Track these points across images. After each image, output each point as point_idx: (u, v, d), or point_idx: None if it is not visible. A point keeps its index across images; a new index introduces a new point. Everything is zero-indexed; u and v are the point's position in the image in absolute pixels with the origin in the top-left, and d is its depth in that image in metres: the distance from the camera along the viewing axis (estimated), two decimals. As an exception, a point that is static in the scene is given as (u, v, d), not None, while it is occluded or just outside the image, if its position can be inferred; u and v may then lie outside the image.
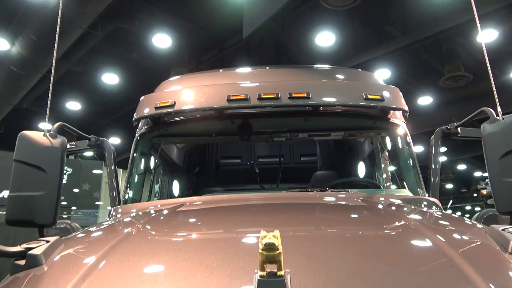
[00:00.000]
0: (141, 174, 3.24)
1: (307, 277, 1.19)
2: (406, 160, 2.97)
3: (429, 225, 1.84)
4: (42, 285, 1.29)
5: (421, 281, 1.24)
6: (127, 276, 1.31)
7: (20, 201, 2.12)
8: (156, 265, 1.40)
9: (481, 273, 1.22)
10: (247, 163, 4.86)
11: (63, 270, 1.38)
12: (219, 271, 1.26)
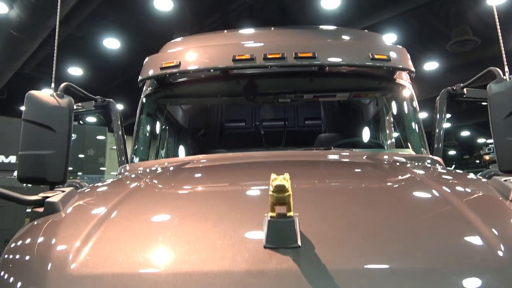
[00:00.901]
0: (147, 135, 3.27)
1: (315, 219, 1.24)
2: (411, 121, 2.98)
3: (433, 177, 1.88)
4: (61, 230, 1.35)
5: (425, 225, 1.28)
6: (141, 221, 1.37)
7: (31, 159, 2.18)
8: (167, 212, 1.46)
9: (484, 219, 1.26)
10: (251, 127, 4.88)
11: (80, 216, 1.45)
12: (229, 216, 1.31)
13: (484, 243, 1.17)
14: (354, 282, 1.04)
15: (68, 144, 2.43)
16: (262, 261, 1.10)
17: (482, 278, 1.07)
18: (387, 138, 3.47)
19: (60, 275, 1.13)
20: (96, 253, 1.20)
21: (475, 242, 1.19)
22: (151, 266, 1.15)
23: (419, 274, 1.08)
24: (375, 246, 1.17)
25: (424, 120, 3.05)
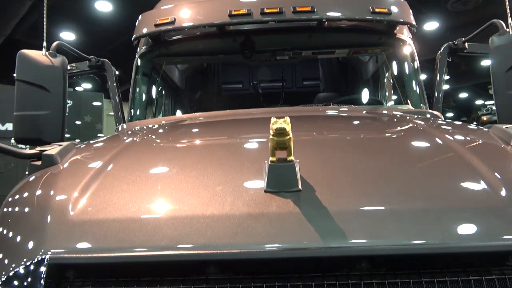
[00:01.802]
0: (143, 96, 3.24)
1: (315, 165, 1.24)
2: (411, 78, 2.95)
3: (434, 126, 1.88)
4: (59, 181, 1.35)
5: (426, 168, 1.29)
6: (140, 170, 1.38)
7: (27, 120, 2.19)
8: (166, 162, 1.47)
9: (485, 162, 1.27)
10: (249, 88, 4.82)
11: (79, 167, 1.45)
12: (229, 164, 1.31)
13: (485, 184, 1.18)
14: (355, 223, 1.05)
15: (64, 105, 2.42)
16: (263, 205, 1.10)
17: (483, 218, 1.08)
18: (387, 95, 3.45)
19: (60, 223, 1.13)
20: (96, 201, 1.20)
21: (476, 184, 1.20)
22: (151, 211, 1.16)
23: (419, 214, 1.09)
24: (376, 188, 1.18)
25: (423, 82, 3.02)
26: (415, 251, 1.00)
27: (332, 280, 0.99)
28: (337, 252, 0.99)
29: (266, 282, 0.99)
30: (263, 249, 1.01)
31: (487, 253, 1.01)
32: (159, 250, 1.02)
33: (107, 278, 1.03)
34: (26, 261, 1.05)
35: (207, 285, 1.00)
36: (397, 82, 3.23)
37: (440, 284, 0.98)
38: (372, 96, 3.72)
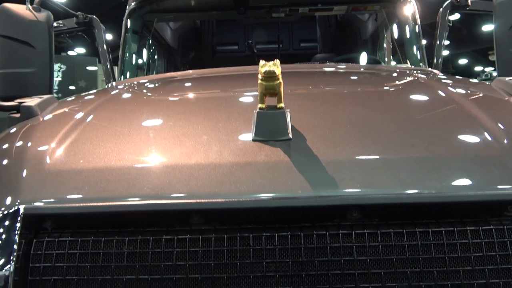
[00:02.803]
0: (134, 56, 3.14)
1: (307, 114, 1.18)
2: (412, 38, 2.85)
3: (434, 80, 1.82)
4: (37, 132, 1.29)
5: (424, 118, 1.24)
6: (122, 120, 1.32)
7: (12, 78, 2.12)
8: (150, 113, 1.41)
9: (486, 112, 1.21)
10: (244, 50, 4.70)
11: (59, 119, 1.39)
12: (216, 114, 1.25)
13: (486, 134, 1.12)
14: (347, 172, 1.00)
15: (51, 62, 2.33)
16: (251, 153, 1.04)
17: (482, 167, 1.03)
18: (386, 56, 3.36)
19: (37, 173, 1.08)
20: (75, 150, 1.14)
21: (476, 133, 1.14)
22: (132, 160, 1.10)
23: (415, 163, 1.03)
24: (370, 138, 1.12)
25: (423, 46, 2.94)
26: (409, 200, 0.96)
27: (322, 230, 0.95)
28: (327, 201, 0.95)
29: (253, 232, 0.95)
30: (250, 198, 0.96)
31: (484, 202, 0.97)
32: (141, 199, 0.97)
33: (86, 229, 0.98)
34: (2, 211, 1.00)
35: (191, 235, 0.95)
36: (397, 43, 3.13)
37: (435, 235, 0.94)
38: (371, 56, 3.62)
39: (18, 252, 0.95)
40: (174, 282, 0.93)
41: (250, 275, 0.92)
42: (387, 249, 0.93)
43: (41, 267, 0.96)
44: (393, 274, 0.92)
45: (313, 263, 0.92)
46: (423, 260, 0.93)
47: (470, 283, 0.92)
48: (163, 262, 0.94)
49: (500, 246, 0.94)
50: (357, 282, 0.91)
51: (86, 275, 0.95)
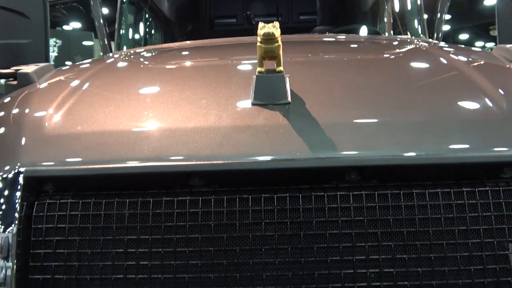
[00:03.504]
0: (131, 29, 3.10)
1: (307, 79, 1.18)
2: (413, 10, 2.82)
3: (436, 48, 1.81)
4: (36, 98, 1.29)
5: (424, 83, 1.24)
6: (121, 86, 1.32)
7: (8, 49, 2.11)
8: (149, 79, 1.41)
9: (487, 78, 1.21)
10: (242, 23, 4.64)
11: (56, 85, 1.39)
12: (215, 78, 1.26)
13: (485, 98, 1.12)
14: (346, 134, 1.00)
15: (46, 33, 2.31)
16: (250, 117, 1.05)
17: (480, 130, 1.04)
18: (387, 29, 3.32)
19: (37, 137, 1.08)
20: (74, 115, 1.15)
21: (475, 97, 1.14)
22: (131, 124, 1.10)
23: (413, 125, 1.04)
24: (370, 101, 1.12)
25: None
26: (407, 161, 0.96)
27: (320, 192, 0.96)
28: (325, 162, 0.95)
29: (252, 194, 0.96)
30: (249, 160, 0.96)
31: (481, 164, 0.98)
32: (141, 161, 0.98)
33: (87, 191, 1.00)
34: (2, 175, 1.00)
35: (191, 197, 0.97)
36: (398, 16, 3.09)
37: (432, 196, 0.95)
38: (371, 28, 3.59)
39: (20, 214, 0.97)
40: (175, 242, 0.95)
41: (249, 234, 0.94)
42: (384, 209, 0.95)
43: (43, 228, 0.97)
44: (389, 234, 0.94)
45: (311, 224, 0.94)
46: (419, 220, 0.94)
47: (465, 242, 0.94)
48: (164, 223, 0.95)
49: (496, 207, 0.95)
50: (354, 241, 0.93)
51: (88, 236, 0.96)
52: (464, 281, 0.92)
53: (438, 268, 0.92)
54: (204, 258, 0.94)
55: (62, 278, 0.96)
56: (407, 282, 0.92)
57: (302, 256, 0.93)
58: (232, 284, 0.93)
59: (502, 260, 0.94)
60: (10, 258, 0.95)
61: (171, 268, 0.94)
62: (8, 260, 0.95)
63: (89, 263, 0.95)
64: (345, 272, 0.92)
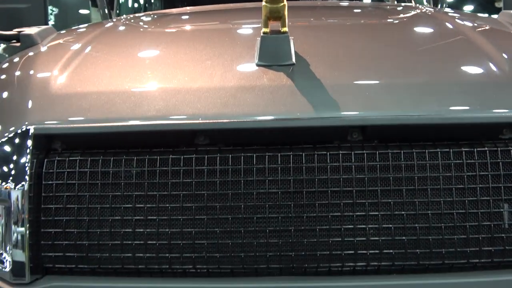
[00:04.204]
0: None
1: (311, 41, 1.20)
2: None
3: (442, 13, 1.80)
4: (40, 59, 1.30)
5: (427, 46, 1.25)
6: (127, 46, 1.32)
7: (5, 14, 2.08)
8: (153, 40, 1.42)
9: (490, 41, 1.22)
10: None
11: (60, 46, 1.40)
12: (220, 40, 1.27)
13: (488, 61, 1.13)
14: (349, 95, 1.02)
15: None
16: (254, 77, 1.06)
17: (481, 91, 1.05)
18: None
19: (44, 97, 1.10)
20: (80, 75, 1.16)
21: (478, 60, 1.16)
22: (138, 84, 1.12)
23: (415, 86, 1.06)
24: (373, 63, 1.14)
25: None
26: (408, 121, 0.98)
27: (323, 151, 0.98)
28: (328, 122, 0.97)
29: (257, 152, 0.99)
30: (254, 119, 0.98)
31: (480, 125, 1.00)
32: (147, 120, 1.00)
33: (95, 149, 1.02)
34: (11, 133, 1.03)
35: (197, 155, 0.99)
36: None
37: (431, 155, 0.98)
38: None
39: (31, 170, 0.99)
40: (181, 198, 0.98)
41: (253, 191, 0.97)
42: (384, 168, 0.98)
43: (53, 185, 1.00)
44: (388, 191, 0.97)
45: (314, 181, 0.97)
46: (418, 179, 0.97)
47: (461, 200, 0.97)
48: (170, 179, 0.98)
49: (493, 166, 0.98)
50: (355, 198, 0.96)
51: (97, 192, 0.99)
52: (459, 236, 0.96)
53: (435, 224, 0.96)
54: (209, 213, 0.97)
55: (73, 232, 0.99)
56: (404, 237, 0.96)
57: (304, 212, 0.97)
58: (237, 238, 0.97)
59: (496, 217, 0.97)
60: (23, 213, 0.98)
61: (178, 222, 0.98)
62: (21, 215, 0.99)
63: (98, 218, 0.99)
64: (345, 227, 0.96)
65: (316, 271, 0.98)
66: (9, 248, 0.99)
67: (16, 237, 0.99)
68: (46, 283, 0.99)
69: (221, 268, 0.98)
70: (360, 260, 0.97)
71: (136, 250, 0.98)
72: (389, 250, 0.96)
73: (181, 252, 0.97)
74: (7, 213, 1.00)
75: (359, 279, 0.98)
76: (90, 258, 0.99)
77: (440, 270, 0.98)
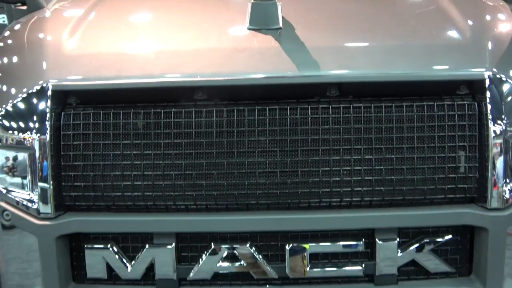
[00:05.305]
0: None
1: (297, 7, 1.33)
2: None
3: None
4: (49, 22, 1.41)
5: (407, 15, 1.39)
6: (130, 10, 1.44)
7: None
8: (154, 4, 1.51)
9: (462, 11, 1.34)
10: None
11: (67, 8, 1.50)
12: (215, 4, 1.37)
13: (454, 27, 1.28)
14: (329, 56, 1.17)
15: None
16: (246, 40, 1.21)
17: (444, 53, 1.21)
18: None
19: (57, 56, 1.23)
20: (89, 36, 1.29)
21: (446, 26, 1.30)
22: (142, 45, 1.27)
23: (388, 48, 1.22)
24: (352, 27, 1.29)
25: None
26: (379, 79, 1.14)
27: (305, 105, 1.14)
28: (309, 79, 1.13)
29: (248, 106, 1.14)
30: (246, 77, 1.13)
31: (441, 82, 1.16)
32: (153, 78, 1.14)
33: (106, 104, 1.17)
34: (30, 89, 1.16)
35: (196, 109, 1.14)
36: None
37: (397, 108, 1.14)
38: None
39: (50, 122, 1.14)
40: (183, 146, 1.14)
41: (245, 139, 1.13)
42: (357, 120, 1.14)
43: (71, 134, 1.15)
44: (360, 139, 1.14)
45: (296, 131, 1.13)
46: (385, 129, 1.14)
47: (421, 146, 1.14)
48: (173, 129, 1.14)
49: (450, 118, 1.15)
50: (331, 145, 1.13)
51: (109, 140, 1.15)
52: (418, 177, 1.14)
53: (398, 166, 1.14)
54: (207, 158, 1.14)
55: (90, 175, 1.16)
56: (371, 177, 1.14)
57: (288, 157, 1.14)
58: (231, 179, 1.14)
59: (451, 160, 1.15)
60: (45, 159, 1.14)
61: (180, 166, 1.14)
62: (44, 161, 1.14)
63: (111, 162, 1.15)
64: (323, 169, 1.14)
65: (298, 206, 1.16)
66: (36, 189, 1.15)
67: (41, 179, 1.15)
68: (68, 218, 1.17)
69: (218, 204, 1.16)
70: (335, 197, 1.15)
71: (145, 189, 1.15)
72: (359, 188, 1.14)
73: (184, 191, 1.15)
74: (32, 159, 1.15)
75: (334, 212, 1.16)
76: (105, 197, 1.16)
77: (401, 205, 1.17)
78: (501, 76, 1.15)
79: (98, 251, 1.20)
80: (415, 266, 1.20)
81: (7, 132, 1.18)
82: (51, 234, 1.15)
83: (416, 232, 1.20)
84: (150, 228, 1.18)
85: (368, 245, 1.19)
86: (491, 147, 1.13)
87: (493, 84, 1.14)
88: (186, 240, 1.20)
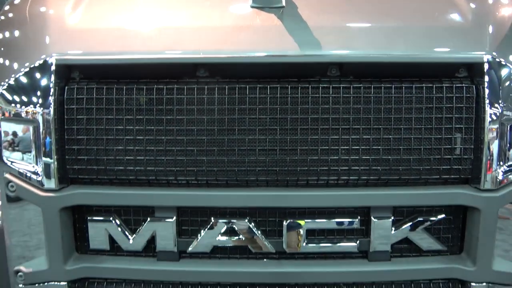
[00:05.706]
0: None
1: None
2: None
3: None
4: None
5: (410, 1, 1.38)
6: None
7: None
8: None
9: None
10: None
11: None
12: None
13: (455, 10, 1.28)
14: (330, 36, 1.18)
15: None
16: (249, 18, 1.21)
17: (445, 36, 1.21)
18: None
19: (60, 31, 1.24)
20: (92, 12, 1.29)
21: (447, 9, 1.30)
22: (146, 22, 1.27)
23: (389, 30, 1.23)
24: (354, 8, 1.30)
25: None
26: (378, 59, 1.15)
27: (306, 84, 1.16)
28: (310, 58, 1.14)
29: (249, 84, 1.16)
30: (248, 55, 1.14)
31: (440, 64, 1.17)
32: (156, 54, 1.15)
33: (109, 79, 1.18)
34: (34, 63, 1.17)
35: (198, 85, 1.16)
36: None
37: (397, 89, 1.16)
38: None
39: (54, 96, 1.16)
40: (185, 122, 1.16)
41: (246, 117, 1.15)
42: (356, 99, 1.16)
43: (74, 108, 1.17)
44: (359, 119, 1.16)
45: (297, 109, 1.15)
46: (384, 109, 1.16)
47: (419, 127, 1.16)
48: (175, 106, 1.16)
49: (448, 100, 1.17)
50: (330, 124, 1.15)
51: (113, 115, 1.17)
52: (414, 157, 1.17)
53: (395, 146, 1.17)
54: (208, 134, 1.16)
55: (93, 148, 1.18)
56: (368, 156, 1.17)
57: (288, 135, 1.16)
58: (231, 155, 1.16)
59: (447, 142, 1.18)
60: (50, 132, 1.16)
61: (182, 142, 1.16)
62: (48, 134, 1.16)
63: (114, 137, 1.17)
64: (321, 148, 1.16)
65: (296, 184, 1.19)
66: (40, 161, 1.18)
67: (45, 152, 1.17)
68: (71, 190, 1.20)
69: (218, 180, 1.19)
70: (333, 175, 1.18)
71: (147, 164, 1.18)
72: (357, 167, 1.17)
73: (185, 166, 1.17)
74: (36, 133, 1.17)
75: (332, 190, 1.19)
76: (108, 171, 1.19)
77: (397, 185, 1.20)
78: (500, 60, 1.16)
79: (100, 223, 1.23)
80: (408, 243, 1.24)
81: (11, 105, 1.20)
82: (55, 205, 1.18)
83: (410, 211, 1.23)
84: (151, 202, 1.21)
85: (363, 223, 1.22)
86: (487, 130, 1.15)
87: (492, 68, 1.15)
88: (186, 214, 1.23)
